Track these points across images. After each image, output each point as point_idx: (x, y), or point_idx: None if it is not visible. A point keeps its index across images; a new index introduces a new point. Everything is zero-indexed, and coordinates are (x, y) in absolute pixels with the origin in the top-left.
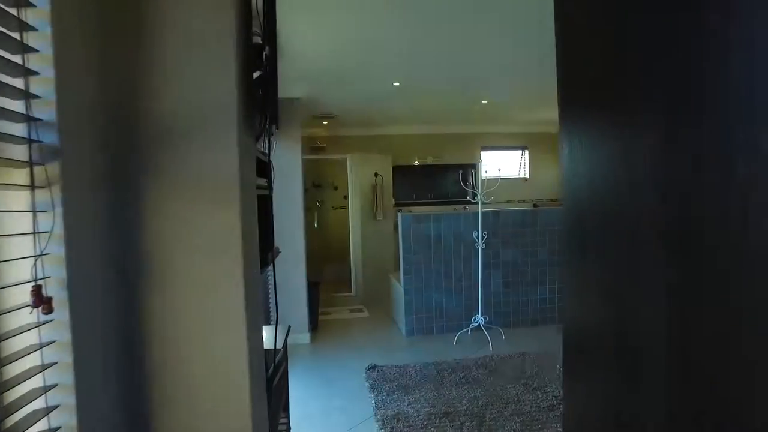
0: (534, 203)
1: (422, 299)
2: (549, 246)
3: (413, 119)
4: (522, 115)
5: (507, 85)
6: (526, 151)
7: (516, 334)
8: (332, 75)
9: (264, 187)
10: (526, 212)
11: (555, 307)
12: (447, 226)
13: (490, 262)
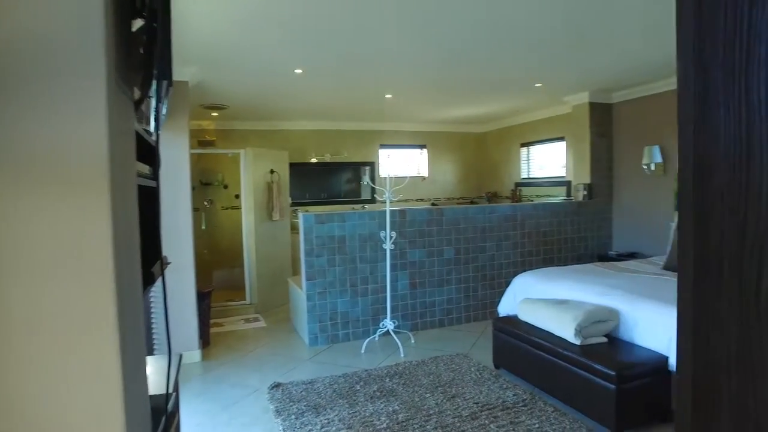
0: (432, 202)
1: (326, 305)
2: (455, 244)
3: (313, 114)
4: (422, 113)
5: (410, 78)
6: (425, 150)
7: (425, 336)
8: (226, 58)
9: (148, 177)
10: (432, 211)
11: (461, 306)
12: (352, 226)
13: (398, 264)
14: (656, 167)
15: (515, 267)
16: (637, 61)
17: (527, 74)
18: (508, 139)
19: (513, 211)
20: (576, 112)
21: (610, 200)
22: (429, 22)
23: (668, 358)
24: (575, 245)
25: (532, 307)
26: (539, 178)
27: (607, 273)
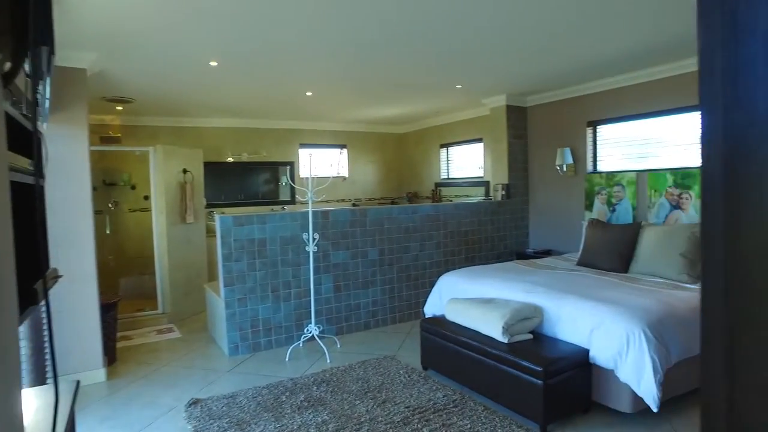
0: (353, 203)
1: (247, 312)
2: (379, 245)
3: (230, 111)
4: (343, 112)
5: (331, 76)
6: (345, 150)
7: (351, 340)
8: (131, 45)
9: (27, 172)
10: (355, 211)
11: (387, 308)
12: (273, 228)
13: (321, 266)
14: (568, 168)
15: (439, 267)
16: (549, 68)
17: (448, 76)
18: (427, 139)
19: (435, 211)
20: (494, 114)
21: (526, 200)
22: (350, 18)
23: (588, 350)
24: (495, 244)
25: (458, 306)
26: (458, 178)
27: (529, 270)
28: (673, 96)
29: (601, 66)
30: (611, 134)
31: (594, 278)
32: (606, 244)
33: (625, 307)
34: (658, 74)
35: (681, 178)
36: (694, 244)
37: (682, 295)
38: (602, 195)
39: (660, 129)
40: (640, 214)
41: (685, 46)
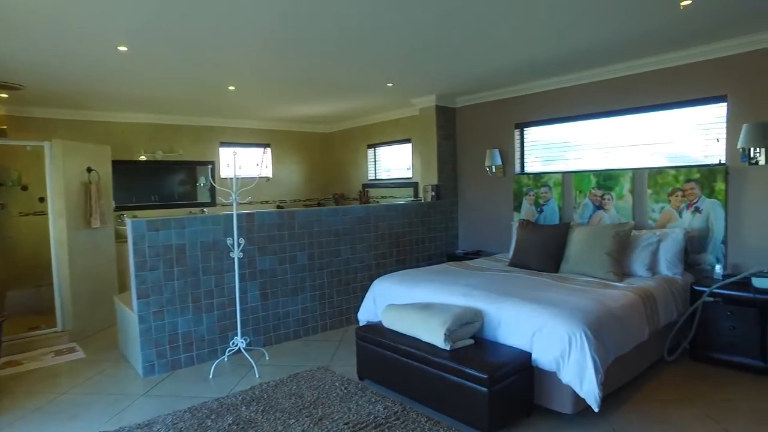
0: (278, 204)
1: (164, 326)
2: (308, 249)
3: (143, 104)
4: (268, 110)
5: (257, 70)
6: (269, 149)
7: (280, 351)
8: (17, 20)
9: None
10: (283, 214)
11: (317, 315)
12: (193, 233)
13: (247, 273)
14: (496, 169)
15: (370, 270)
16: (478, 69)
17: (379, 74)
18: (354, 139)
19: (366, 213)
20: (423, 115)
21: (455, 201)
22: (279, 8)
23: (531, 354)
24: (426, 245)
25: (396, 313)
26: (386, 179)
27: (463, 272)
28: (597, 100)
29: (529, 69)
30: (538, 136)
31: (529, 279)
32: (537, 245)
33: (566, 309)
34: (585, 79)
35: (603, 179)
36: (618, 243)
37: (613, 294)
38: (530, 196)
39: (584, 132)
40: (567, 214)
41: (611, 52)
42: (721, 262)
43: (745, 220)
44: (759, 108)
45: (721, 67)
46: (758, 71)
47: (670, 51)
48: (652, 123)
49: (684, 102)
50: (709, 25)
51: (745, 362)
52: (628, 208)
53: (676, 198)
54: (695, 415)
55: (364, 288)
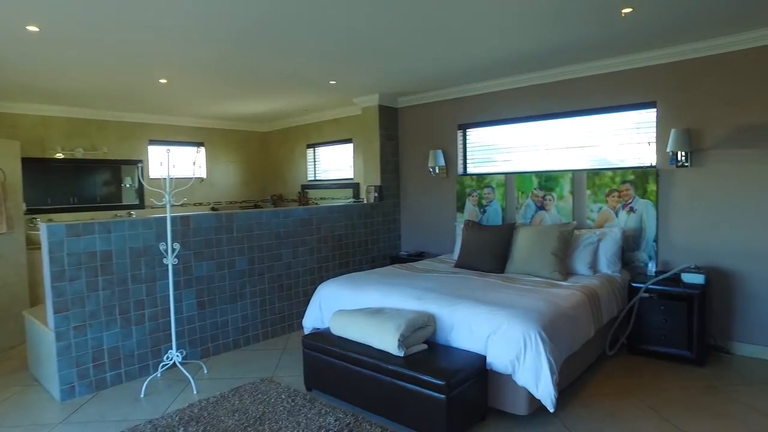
0: (212, 207)
1: (87, 342)
2: (248, 254)
3: (59, 95)
4: (202, 106)
5: (191, 62)
6: (202, 149)
7: (220, 363)
8: None
9: None
10: (221, 216)
11: (258, 323)
12: (121, 238)
13: (182, 280)
14: (440, 170)
15: (312, 274)
16: (421, 69)
17: (322, 70)
18: (293, 139)
19: (309, 215)
20: (366, 114)
21: (398, 202)
22: None
23: (485, 357)
24: (369, 247)
25: (346, 319)
26: (326, 180)
27: (411, 275)
28: (539, 103)
29: (472, 71)
30: (481, 137)
31: (479, 281)
32: (483, 246)
33: (519, 311)
34: (527, 81)
35: (545, 180)
36: (562, 243)
37: (562, 293)
38: (473, 197)
39: (526, 134)
40: (509, 214)
41: (553, 56)
42: (653, 259)
43: (673, 220)
44: (684, 114)
45: (651, 75)
46: (684, 80)
47: (607, 57)
48: (590, 126)
49: (618, 107)
50: (645, 33)
51: (675, 353)
52: (569, 208)
53: (612, 198)
54: (638, 407)
55: (307, 293)
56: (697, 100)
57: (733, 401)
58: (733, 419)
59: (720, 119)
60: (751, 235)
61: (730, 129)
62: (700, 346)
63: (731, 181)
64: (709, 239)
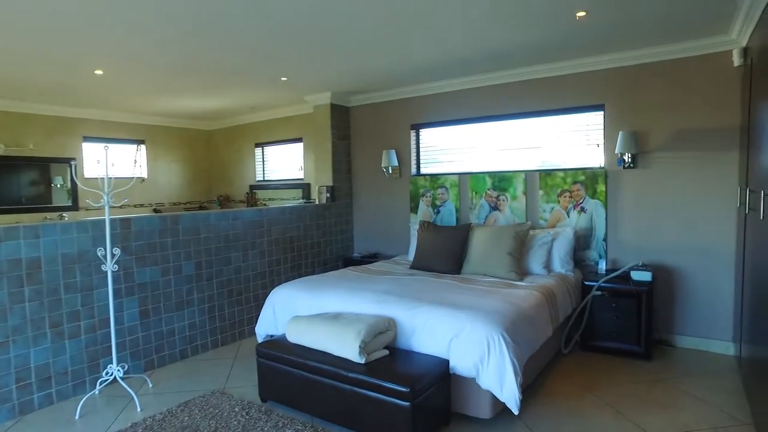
0: (155, 208)
1: (9, 361)
2: (195, 258)
3: None
4: (143, 101)
5: (131, 51)
6: (143, 146)
7: (166, 376)
8: None
9: None
10: (165, 218)
11: (207, 330)
12: (52, 243)
13: (123, 288)
14: (393, 170)
15: (264, 278)
16: (374, 68)
17: (273, 66)
18: (240, 138)
19: (259, 216)
20: (317, 113)
21: (350, 203)
22: None
23: (449, 361)
24: (321, 249)
25: (303, 326)
26: (276, 180)
27: (368, 278)
28: (492, 104)
29: (426, 70)
30: (435, 137)
31: (437, 282)
32: (439, 246)
33: (481, 312)
34: (480, 82)
35: (498, 181)
36: (518, 243)
37: (521, 294)
38: (427, 197)
39: (480, 134)
40: (463, 215)
41: (506, 58)
42: (602, 257)
43: (621, 219)
44: (630, 118)
45: (600, 79)
46: (630, 85)
47: (558, 60)
48: (542, 127)
49: (569, 109)
50: (595, 39)
51: (625, 348)
52: (522, 208)
53: (564, 198)
54: (596, 404)
55: (258, 298)
56: (642, 104)
57: (680, 392)
58: (682, 410)
59: (663, 123)
60: (689, 233)
61: (671, 132)
62: (647, 341)
63: (672, 182)
64: (653, 237)
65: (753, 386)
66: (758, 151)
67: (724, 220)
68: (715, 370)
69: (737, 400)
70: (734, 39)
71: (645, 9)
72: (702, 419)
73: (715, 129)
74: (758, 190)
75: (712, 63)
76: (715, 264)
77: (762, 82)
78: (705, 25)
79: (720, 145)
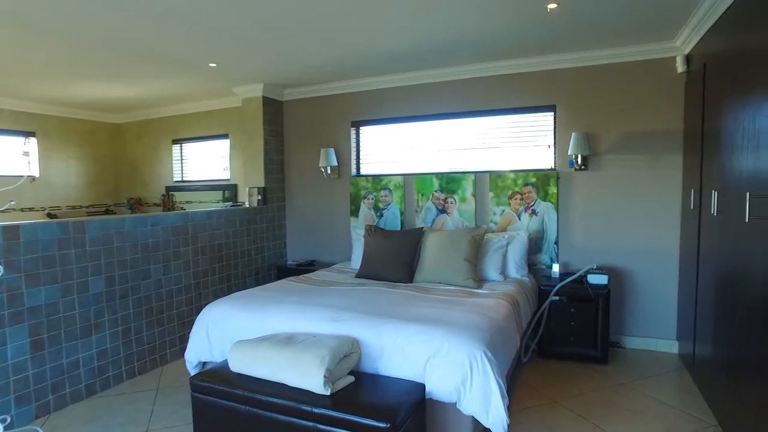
0: (48, 212)
1: None
2: (106, 272)
3: None
4: (33, 85)
5: (21, 23)
6: (33, 139)
7: (67, 422)
8: None
9: None
10: (66, 226)
11: (121, 359)
12: None
13: (6, 315)
14: (332, 170)
15: (189, 292)
16: (311, 58)
17: (202, 46)
18: (156, 133)
19: (183, 221)
20: (247, 107)
21: (283, 205)
22: None
23: (424, 385)
24: (252, 257)
25: (250, 351)
26: (196, 181)
27: (315, 290)
28: (439, 101)
29: (369, 64)
30: (378, 136)
31: (394, 293)
32: (389, 253)
33: (458, 328)
34: (427, 78)
35: (446, 182)
36: (474, 248)
37: (487, 303)
38: (369, 199)
39: (426, 133)
40: (409, 218)
41: (455, 53)
42: (554, 261)
43: (573, 222)
44: (581, 119)
45: (552, 79)
46: (581, 86)
47: (509, 59)
48: (492, 127)
49: (520, 108)
50: (564, 34)
51: (582, 353)
52: (471, 211)
53: (515, 201)
54: (568, 416)
55: (182, 316)
56: (593, 106)
57: (642, 396)
58: (649, 414)
59: (612, 126)
60: (637, 235)
61: (620, 135)
62: (603, 344)
63: (621, 184)
64: (602, 240)
65: (709, 385)
66: (716, 154)
67: (670, 222)
68: (666, 370)
69: (695, 400)
70: (678, 46)
71: (614, 6)
72: (672, 426)
73: (661, 132)
74: (740, 192)
75: (658, 68)
76: (661, 265)
77: (715, 89)
78: (653, 30)
79: (665, 148)
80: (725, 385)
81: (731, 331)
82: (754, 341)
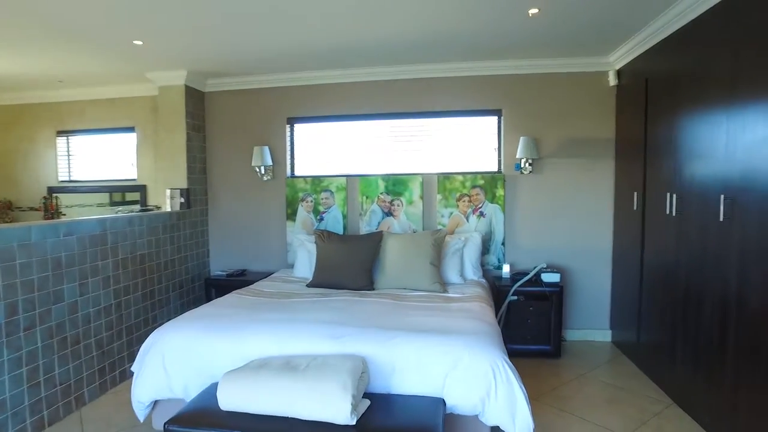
0: None
1: None
2: (6, 297)
3: None
4: None
5: None
6: None
7: None
8: None
9: None
10: None
11: (25, 408)
12: None
13: None
14: (266, 171)
15: (108, 315)
16: (247, 46)
17: (128, 18)
18: (34, 122)
19: (102, 229)
20: (165, 96)
21: (206, 209)
22: None
23: (443, 399)
24: (176, 269)
25: (248, 384)
26: (89, 181)
27: (288, 304)
28: (386, 100)
29: (310, 55)
30: (317, 134)
31: (374, 303)
32: (347, 259)
33: (475, 337)
34: (373, 76)
35: (393, 184)
36: (437, 251)
37: (474, 308)
38: (308, 202)
39: (371, 133)
40: (352, 222)
41: (406, 51)
42: (502, 262)
43: (518, 223)
44: (525, 124)
45: (498, 84)
46: (526, 92)
47: (458, 61)
48: (440, 129)
49: (468, 111)
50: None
51: (538, 349)
52: (419, 213)
53: (463, 203)
54: (554, 412)
55: (102, 344)
56: (537, 112)
57: (605, 385)
58: (619, 402)
59: (553, 131)
60: (575, 235)
61: (561, 140)
62: (556, 339)
63: (561, 187)
64: (547, 240)
65: (654, 368)
66: (657, 160)
67: (603, 221)
68: (609, 358)
69: (646, 382)
70: (610, 62)
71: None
72: (642, 409)
73: (596, 140)
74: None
75: (592, 80)
76: (596, 261)
77: (657, 102)
78: (593, 44)
79: (599, 154)
80: (669, 366)
81: (674, 318)
82: (691, 325)
